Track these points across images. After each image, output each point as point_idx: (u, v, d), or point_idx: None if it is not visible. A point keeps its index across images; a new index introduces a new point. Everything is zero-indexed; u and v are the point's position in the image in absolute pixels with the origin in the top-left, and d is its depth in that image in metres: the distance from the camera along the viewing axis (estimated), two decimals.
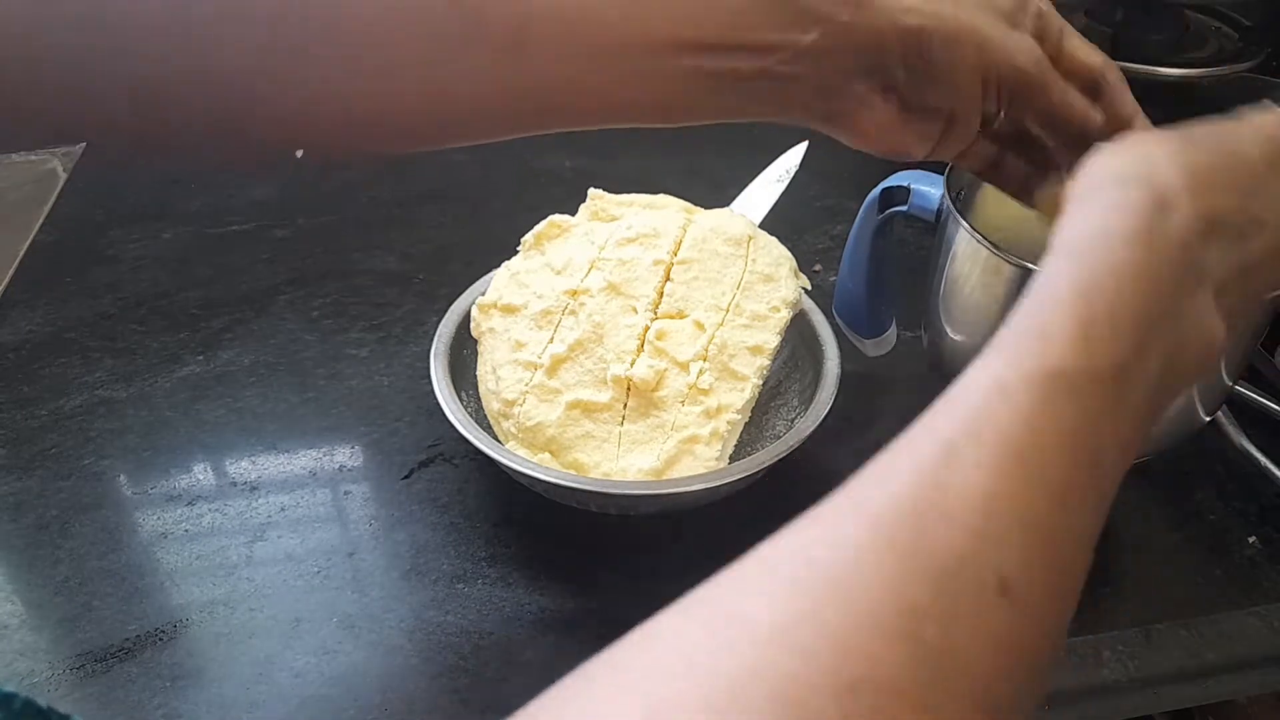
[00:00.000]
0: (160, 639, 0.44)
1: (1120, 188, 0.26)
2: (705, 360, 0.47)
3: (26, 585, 0.47)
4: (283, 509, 0.50)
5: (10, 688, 0.22)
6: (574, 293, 0.49)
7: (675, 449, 0.46)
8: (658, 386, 0.46)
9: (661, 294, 0.49)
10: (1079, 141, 0.34)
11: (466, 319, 0.52)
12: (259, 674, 0.42)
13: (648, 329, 0.48)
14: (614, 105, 0.33)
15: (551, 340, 0.48)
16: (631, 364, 0.47)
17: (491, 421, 0.49)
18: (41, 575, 0.47)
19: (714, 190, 0.64)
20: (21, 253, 0.70)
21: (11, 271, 0.68)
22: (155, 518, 0.50)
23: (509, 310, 0.50)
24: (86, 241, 0.71)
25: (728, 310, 0.49)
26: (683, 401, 0.47)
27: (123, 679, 0.42)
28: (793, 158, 0.63)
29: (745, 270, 0.51)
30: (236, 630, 0.44)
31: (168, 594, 0.46)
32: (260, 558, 0.48)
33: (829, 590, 0.19)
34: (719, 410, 0.47)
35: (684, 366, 0.47)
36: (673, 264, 0.50)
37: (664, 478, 0.45)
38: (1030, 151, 0.38)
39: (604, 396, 0.46)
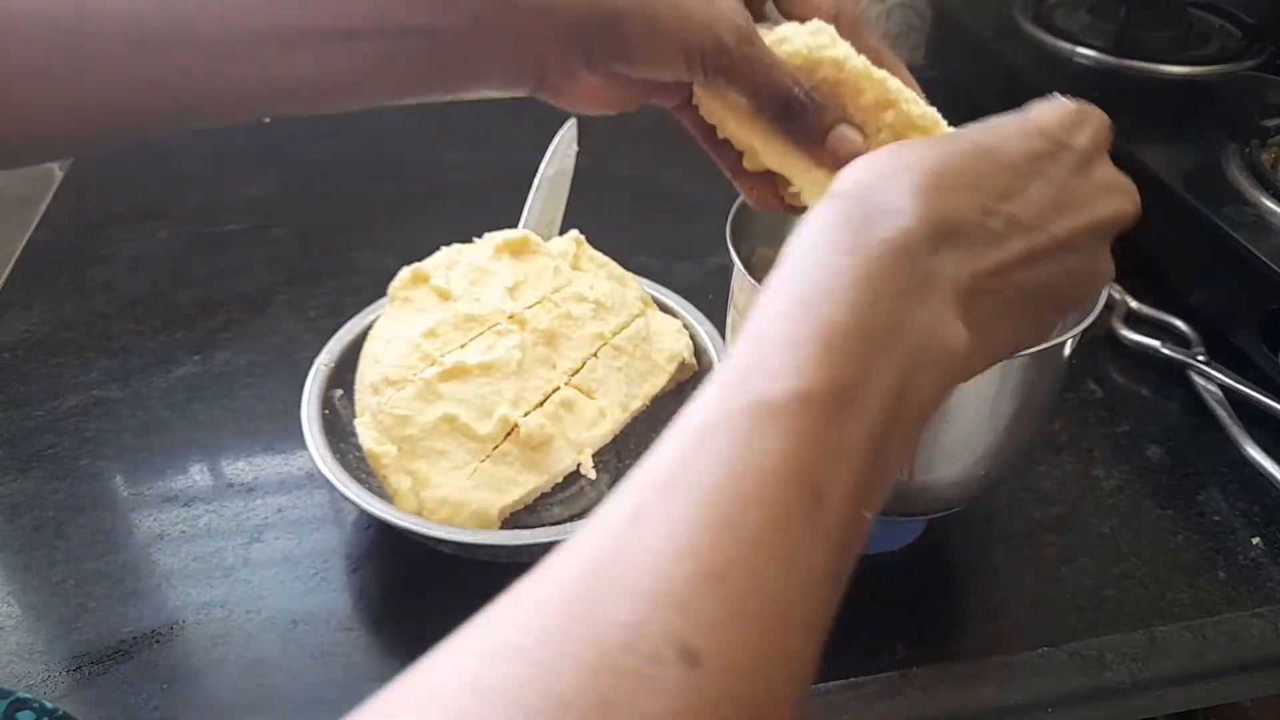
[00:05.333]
0: (157, 641, 0.44)
1: (841, 200, 0.25)
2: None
3: (23, 587, 0.46)
4: (280, 510, 0.50)
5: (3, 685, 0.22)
6: (513, 317, 0.48)
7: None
8: (539, 448, 0.45)
9: (584, 366, 0.49)
10: (785, 114, 0.34)
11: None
12: (256, 676, 0.42)
13: (558, 389, 0.47)
14: (268, 92, 0.32)
15: (463, 347, 0.47)
16: (526, 414, 0.45)
17: (357, 389, 0.47)
18: (38, 577, 0.47)
19: (714, 187, 0.64)
20: (17, 252, 0.70)
21: (7, 271, 0.68)
22: (151, 519, 0.50)
23: (442, 293, 0.49)
24: (82, 241, 0.71)
25: (631, 415, 0.49)
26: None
27: (119, 681, 0.42)
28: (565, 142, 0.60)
29: (663, 389, 0.51)
30: (233, 632, 0.44)
31: (164, 596, 0.46)
32: (257, 559, 0.47)
33: (478, 702, 0.17)
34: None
35: (575, 448, 0.46)
36: (608, 344, 0.50)
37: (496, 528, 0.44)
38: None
39: (483, 428, 0.44)
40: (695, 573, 0.18)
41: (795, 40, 0.35)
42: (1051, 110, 0.29)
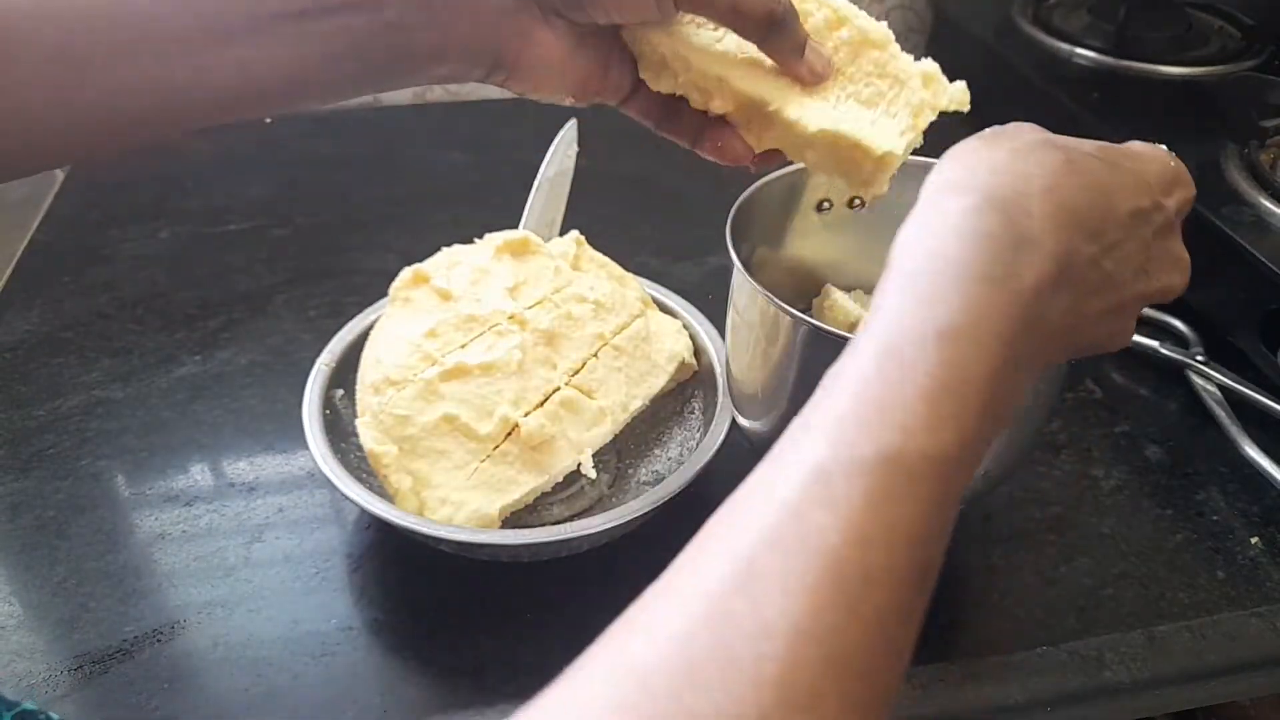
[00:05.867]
0: (158, 640, 0.44)
1: (975, 207, 0.23)
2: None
3: (24, 586, 0.46)
4: (281, 510, 0.50)
5: (9, 693, 0.22)
6: (514, 317, 0.48)
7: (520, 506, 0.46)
8: (539, 447, 0.45)
9: (584, 366, 0.49)
10: (769, 28, 0.33)
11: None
12: (257, 676, 0.42)
13: (559, 390, 0.47)
14: (225, 97, 0.31)
15: (464, 347, 0.47)
16: (527, 414, 0.46)
17: (358, 389, 0.47)
18: (39, 576, 0.47)
19: (717, 189, 0.64)
20: (19, 253, 0.70)
21: (9, 271, 0.68)
22: (153, 518, 0.50)
23: (442, 294, 0.49)
24: (83, 241, 0.71)
25: (631, 414, 0.49)
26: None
27: (120, 680, 0.42)
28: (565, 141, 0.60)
29: (663, 389, 0.51)
30: (234, 632, 0.44)
31: (165, 595, 0.46)
32: (258, 559, 0.48)
33: None
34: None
35: (575, 447, 0.47)
36: (608, 344, 0.50)
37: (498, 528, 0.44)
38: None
39: (484, 428, 0.45)
40: (820, 659, 0.17)
41: None
42: (1157, 163, 0.28)
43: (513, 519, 0.46)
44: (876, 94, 0.37)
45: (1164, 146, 0.30)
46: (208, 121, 0.33)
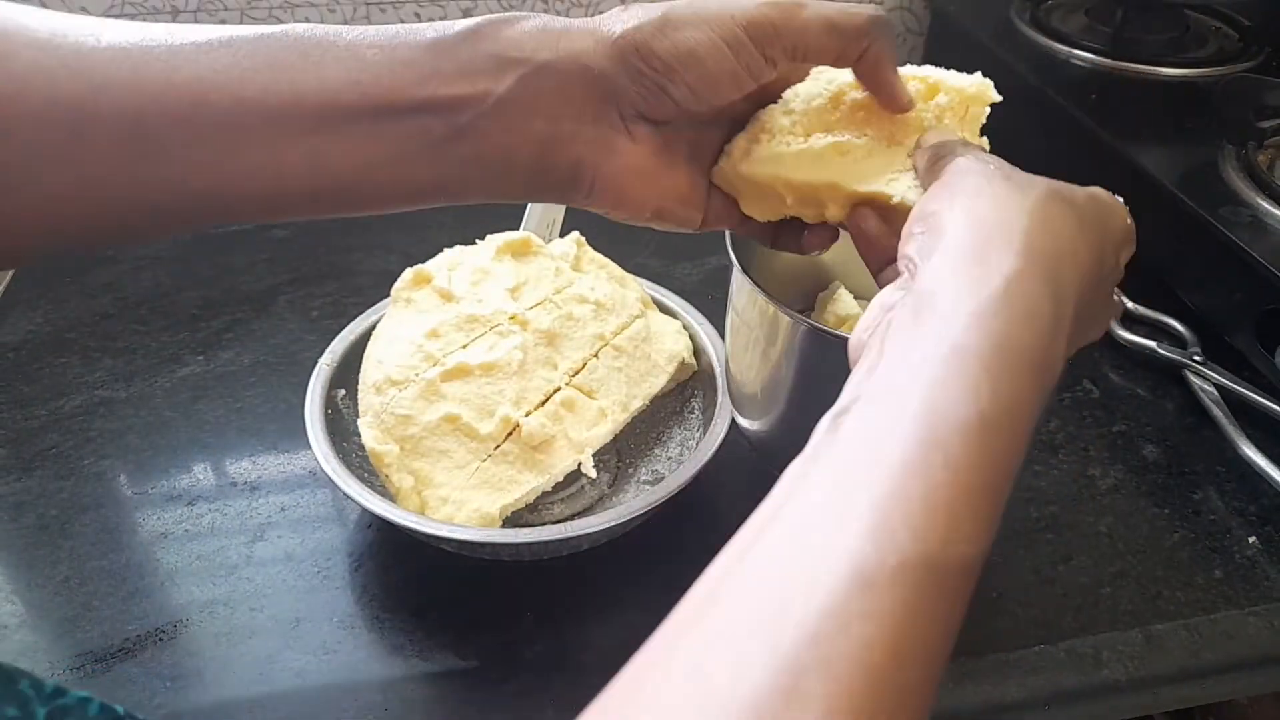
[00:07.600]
0: (160, 639, 0.44)
1: (1023, 274, 0.22)
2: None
3: (26, 585, 0.47)
4: (283, 509, 0.50)
5: (85, 693, 0.21)
6: (515, 318, 0.48)
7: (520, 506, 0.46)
8: (540, 447, 0.46)
9: (584, 366, 0.49)
10: (874, 36, 0.32)
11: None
12: (259, 674, 0.42)
13: (559, 390, 0.47)
14: (275, 195, 0.30)
15: (465, 348, 0.47)
16: (528, 414, 0.46)
17: (360, 389, 0.48)
18: (41, 575, 0.47)
19: None
20: None
21: (11, 271, 0.68)
22: (155, 518, 0.50)
23: (444, 294, 0.49)
24: None
25: (631, 414, 0.49)
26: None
27: (123, 679, 0.42)
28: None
29: (663, 389, 0.52)
30: (237, 630, 0.44)
31: (168, 594, 0.46)
32: (260, 558, 0.48)
33: None
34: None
35: (576, 447, 0.47)
36: (608, 344, 0.50)
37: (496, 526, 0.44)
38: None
39: (485, 428, 0.45)
40: None
41: (800, 86, 0.35)
42: (1119, 219, 0.29)
43: (513, 518, 0.46)
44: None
45: (1120, 200, 0.30)
46: (263, 215, 0.31)
